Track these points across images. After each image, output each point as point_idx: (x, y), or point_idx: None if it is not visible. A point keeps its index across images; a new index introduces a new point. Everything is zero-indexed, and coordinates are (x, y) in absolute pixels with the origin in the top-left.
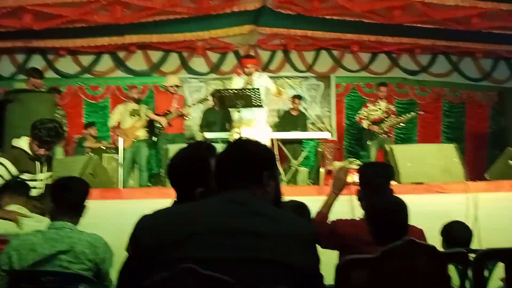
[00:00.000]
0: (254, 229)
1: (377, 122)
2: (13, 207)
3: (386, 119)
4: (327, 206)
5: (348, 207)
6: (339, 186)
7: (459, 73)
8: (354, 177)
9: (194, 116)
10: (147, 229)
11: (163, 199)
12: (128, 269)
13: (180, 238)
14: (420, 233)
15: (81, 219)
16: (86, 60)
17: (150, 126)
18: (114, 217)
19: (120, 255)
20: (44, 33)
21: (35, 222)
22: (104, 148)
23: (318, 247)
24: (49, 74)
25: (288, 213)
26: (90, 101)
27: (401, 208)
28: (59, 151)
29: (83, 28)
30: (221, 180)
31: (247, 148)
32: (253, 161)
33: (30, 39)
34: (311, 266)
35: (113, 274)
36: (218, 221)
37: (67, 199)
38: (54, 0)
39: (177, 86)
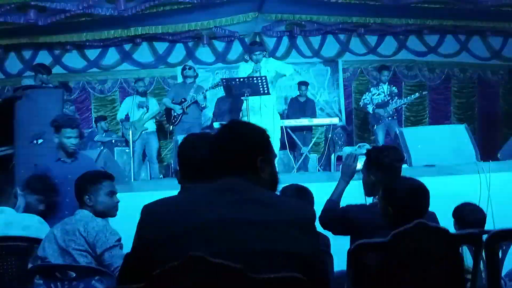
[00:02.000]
0: (250, 218)
1: (382, 105)
2: None
3: (390, 102)
4: (337, 193)
5: (359, 193)
6: (348, 173)
7: (468, 53)
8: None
9: (209, 105)
10: (147, 222)
11: (175, 190)
12: (129, 262)
13: (179, 234)
14: (432, 216)
15: None
16: (92, 54)
17: (168, 115)
18: (125, 211)
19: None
20: (50, 28)
21: None
22: (114, 141)
23: (330, 234)
24: (57, 69)
25: (285, 198)
26: (98, 95)
27: (424, 191)
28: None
29: (87, 21)
30: (215, 167)
31: (239, 132)
32: (246, 146)
33: (36, 35)
34: (312, 251)
35: None
36: (216, 213)
37: None
38: None
39: (189, 68)
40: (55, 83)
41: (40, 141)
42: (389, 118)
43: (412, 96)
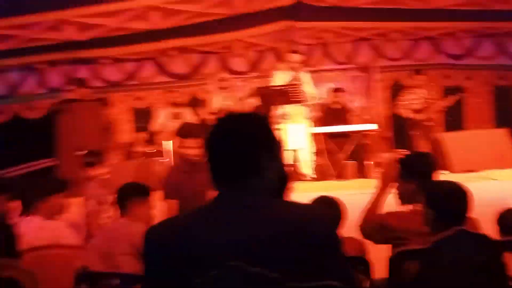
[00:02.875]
0: (259, 239)
1: (420, 110)
2: None
3: (427, 107)
4: (377, 201)
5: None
6: (388, 181)
7: (506, 55)
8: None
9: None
10: (155, 249)
11: None
12: None
13: (190, 263)
14: (475, 222)
15: None
16: (129, 67)
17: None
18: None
19: None
20: (88, 43)
21: None
22: (153, 152)
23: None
24: (95, 82)
25: (296, 207)
26: (137, 106)
27: (465, 193)
28: (111, 157)
29: (123, 36)
30: (213, 168)
31: (236, 127)
32: (245, 142)
33: (75, 50)
34: (335, 271)
35: None
36: (220, 237)
37: None
38: (93, 10)
39: (224, 81)
40: (94, 97)
41: (82, 152)
42: (428, 123)
43: (451, 99)
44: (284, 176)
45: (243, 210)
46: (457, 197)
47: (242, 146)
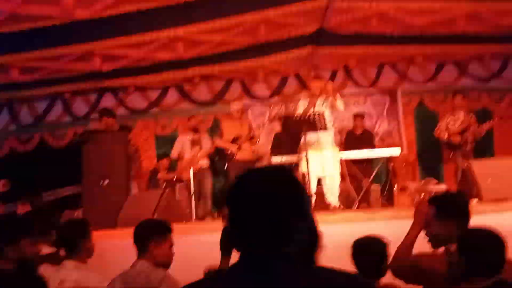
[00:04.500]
0: None
1: (458, 133)
2: None
3: (467, 129)
4: (410, 239)
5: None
6: (421, 219)
7: None
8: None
9: (263, 141)
10: None
11: None
12: None
13: None
14: (510, 264)
15: None
16: (153, 95)
17: (220, 153)
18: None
19: None
20: (113, 73)
21: None
22: (175, 179)
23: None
24: (120, 110)
25: (335, 278)
26: (160, 134)
27: (502, 242)
28: (133, 186)
29: (148, 65)
30: (237, 231)
31: (261, 188)
32: (273, 206)
33: (101, 79)
34: None
35: None
36: None
37: None
38: (119, 42)
39: (241, 111)
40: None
41: (106, 181)
42: (466, 147)
43: (489, 123)
44: (315, 235)
45: (275, 280)
46: (493, 247)
47: (270, 211)
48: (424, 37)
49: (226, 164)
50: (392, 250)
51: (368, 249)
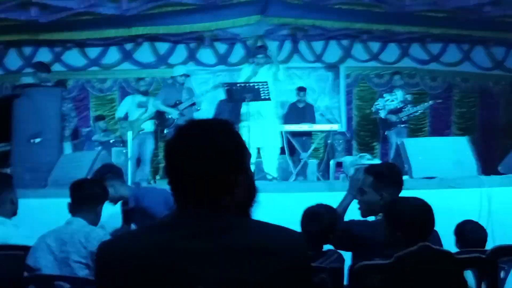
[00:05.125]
0: (229, 265)
1: (395, 111)
2: None
3: (403, 109)
4: (343, 207)
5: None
6: (356, 187)
7: (470, 62)
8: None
9: (204, 108)
10: (111, 260)
11: None
12: None
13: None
14: (435, 234)
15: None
16: (93, 52)
17: (160, 118)
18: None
19: None
20: (51, 26)
21: None
22: (112, 142)
23: None
24: (56, 67)
25: (269, 230)
26: (97, 94)
27: (430, 211)
28: (67, 146)
29: (89, 20)
30: (175, 184)
31: (201, 140)
32: (213, 158)
33: (37, 32)
34: None
35: None
36: (187, 260)
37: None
38: None
39: (185, 75)
40: (53, 81)
41: (37, 140)
42: (401, 125)
43: (426, 104)
44: (253, 189)
45: (212, 232)
46: (421, 215)
47: (210, 163)
48: (370, 14)
49: (166, 130)
50: None
51: (319, 217)
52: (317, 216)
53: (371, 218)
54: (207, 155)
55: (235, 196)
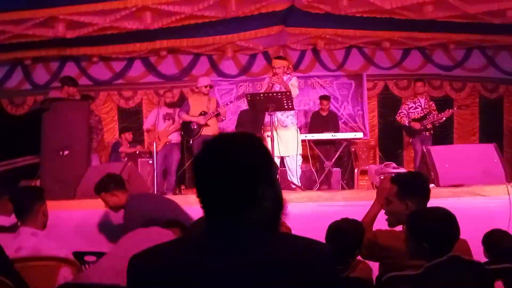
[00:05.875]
0: (256, 279)
1: (418, 119)
2: None
3: (427, 116)
4: (370, 216)
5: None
6: (382, 196)
7: (495, 68)
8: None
9: (229, 117)
10: (141, 273)
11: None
12: None
13: None
14: (464, 244)
15: None
16: (118, 66)
17: (185, 128)
18: None
19: None
20: (77, 41)
21: None
22: (138, 152)
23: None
24: (83, 81)
25: (297, 245)
26: (123, 107)
27: (453, 219)
28: (94, 158)
29: (114, 35)
30: (204, 197)
31: (229, 153)
32: (241, 171)
33: (64, 47)
34: None
35: None
36: (214, 274)
37: None
38: (85, 9)
39: (210, 86)
40: (81, 95)
41: (66, 152)
42: (426, 133)
43: (450, 111)
44: (280, 202)
45: (240, 248)
46: (445, 225)
47: (237, 175)
48: (392, 21)
49: (191, 141)
50: None
51: (344, 233)
52: (342, 232)
53: (398, 228)
54: (234, 169)
55: (262, 210)
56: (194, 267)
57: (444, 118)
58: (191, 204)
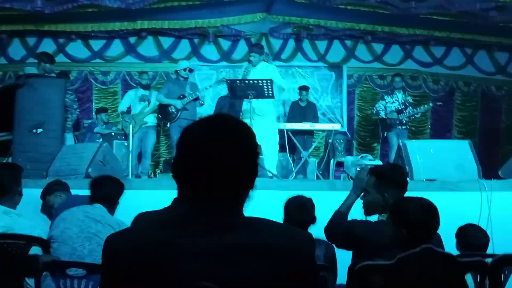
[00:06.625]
0: (233, 263)
1: (395, 113)
2: None
3: (404, 110)
4: (346, 206)
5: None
6: (360, 186)
7: (473, 66)
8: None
9: (207, 103)
10: (117, 253)
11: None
12: None
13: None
14: (437, 237)
15: None
16: (97, 45)
17: (163, 111)
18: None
19: None
20: (56, 17)
21: None
22: (114, 134)
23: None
24: (60, 58)
25: (276, 230)
26: (100, 86)
27: (436, 211)
28: (69, 137)
29: (94, 12)
30: (187, 174)
31: (231, 135)
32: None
33: (42, 23)
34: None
35: None
36: (190, 257)
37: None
38: None
39: (190, 70)
40: (57, 72)
41: (39, 130)
42: (402, 127)
43: (426, 106)
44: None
45: (218, 229)
46: (427, 215)
47: (238, 158)
48: (375, 15)
49: (168, 124)
50: (327, 218)
51: (306, 207)
52: (304, 206)
53: (373, 218)
54: (236, 150)
55: (246, 196)
56: (169, 247)
57: (420, 113)
58: (164, 188)
